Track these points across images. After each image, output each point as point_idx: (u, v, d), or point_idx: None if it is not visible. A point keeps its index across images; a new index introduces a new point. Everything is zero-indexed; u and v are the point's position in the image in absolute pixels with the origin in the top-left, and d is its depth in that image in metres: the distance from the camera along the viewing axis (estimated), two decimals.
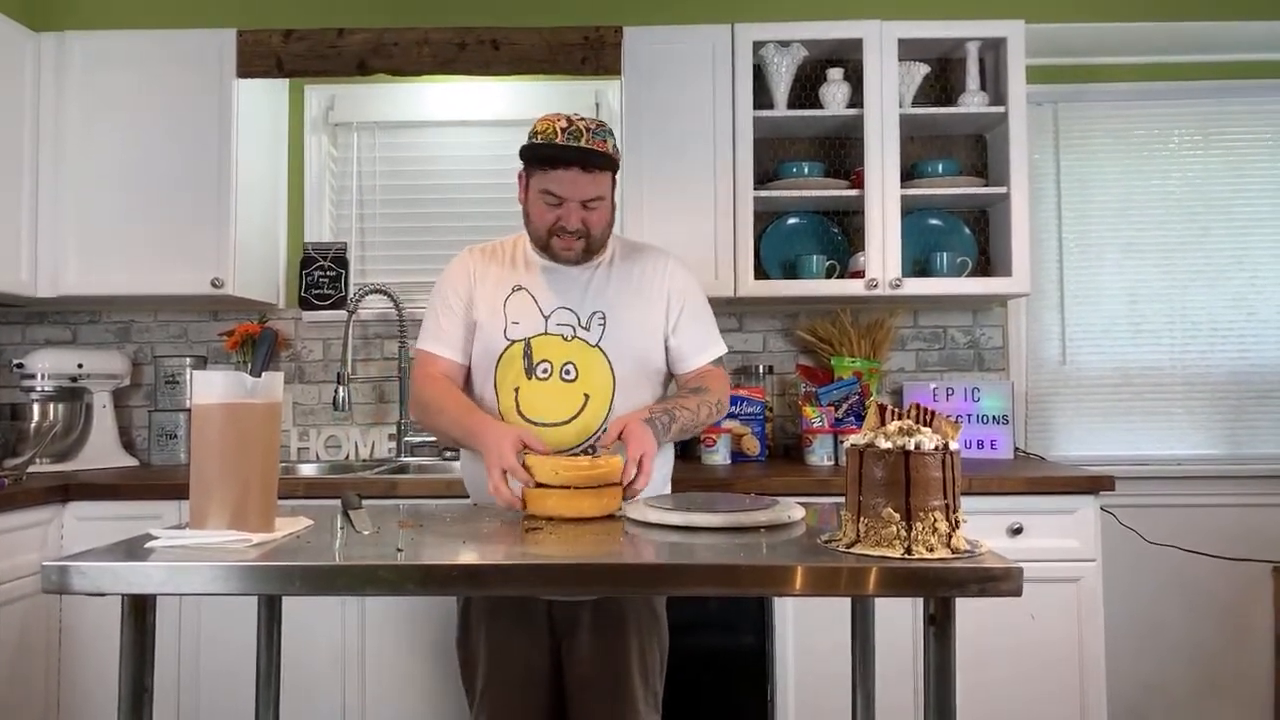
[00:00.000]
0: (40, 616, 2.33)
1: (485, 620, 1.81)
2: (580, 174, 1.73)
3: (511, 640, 1.78)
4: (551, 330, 1.80)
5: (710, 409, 1.85)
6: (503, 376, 1.81)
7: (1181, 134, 3.13)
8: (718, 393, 1.88)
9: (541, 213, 1.78)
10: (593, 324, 1.81)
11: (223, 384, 1.37)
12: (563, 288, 1.83)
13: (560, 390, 1.77)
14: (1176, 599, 2.99)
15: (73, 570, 1.20)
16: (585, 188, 1.74)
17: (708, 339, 1.92)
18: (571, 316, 1.81)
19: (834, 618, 2.15)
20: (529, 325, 1.80)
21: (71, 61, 2.76)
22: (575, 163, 1.72)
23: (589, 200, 1.75)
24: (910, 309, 3.05)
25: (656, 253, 1.95)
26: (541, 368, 1.78)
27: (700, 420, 1.82)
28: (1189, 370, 3.09)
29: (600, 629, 1.77)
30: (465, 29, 2.81)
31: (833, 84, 2.81)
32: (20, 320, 3.10)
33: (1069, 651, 2.36)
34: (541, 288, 1.83)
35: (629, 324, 1.82)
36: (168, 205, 2.73)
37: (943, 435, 1.26)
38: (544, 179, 1.75)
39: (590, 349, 1.79)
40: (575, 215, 1.76)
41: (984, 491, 2.34)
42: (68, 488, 2.42)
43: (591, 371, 1.79)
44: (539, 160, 1.75)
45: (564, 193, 1.74)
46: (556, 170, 1.73)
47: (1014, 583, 1.16)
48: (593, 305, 1.82)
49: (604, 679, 1.77)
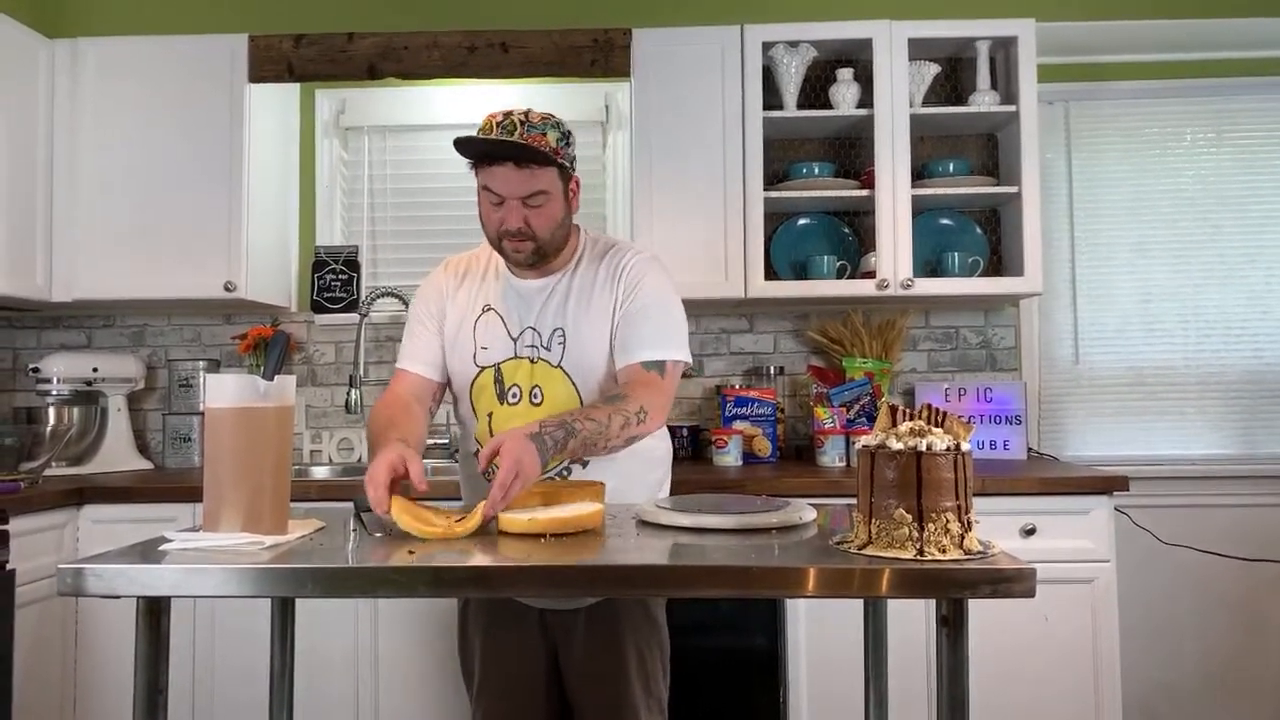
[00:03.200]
0: (56, 618, 2.35)
1: (480, 623, 1.80)
2: (514, 170, 1.63)
3: (505, 643, 1.78)
4: (520, 353, 1.74)
5: (626, 418, 1.59)
6: (477, 401, 1.77)
7: (1194, 132, 3.11)
8: (640, 400, 1.62)
9: (487, 213, 1.70)
10: (553, 343, 1.73)
11: (235, 387, 1.38)
12: (527, 305, 1.75)
13: (530, 415, 1.67)
14: (1191, 599, 2.97)
15: (88, 573, 1.21)
16: (522, 184, 1.64)
17: (644, 339, 1.70)
18: (535, 336, 1.74)
19: (846, 619, 2.15)
20: (497, 350, 1.74)
21: (85, 68, 2.78)
22: (507, 158, 1.63)
23: (528, 197, 1.64)
24: (922, 309, 3.04)
25: (619, 252, 1.79)
26: (512, 393, 1.73)
27: (612, 433, 1.57)
28: (1203, 369, 3.07)
29: (594, 633, 1.73)
30: (474, 32, 2.82)
31: (842, 84, 2.81)
32: (35, 324, 3.13)
33: (1083, 652, 2.34)
34: (509, 306, 1.76)
35: (587, 339, 1.72)
36: (181, 209, 2.75)
37: (955, 436, 1.25)
38: (482, 176, 1.67)
39: (553, 370, 1.72)
40: (515, 214, 1.65)
41: (997, 492, 2.33)
42: (83, 491, 2.44)
43: (556, 394, 1.71)
44: (474, 157, 1.67)
45: (502, 190, 1.65)
46: (491, 167, 1.65)
47: (1027, 584, 1.15)
48: (553, 322, 1.73)
49: (601, 683, 1.73)
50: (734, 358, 3.08)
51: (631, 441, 1.64)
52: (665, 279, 1.78)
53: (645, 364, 1.69)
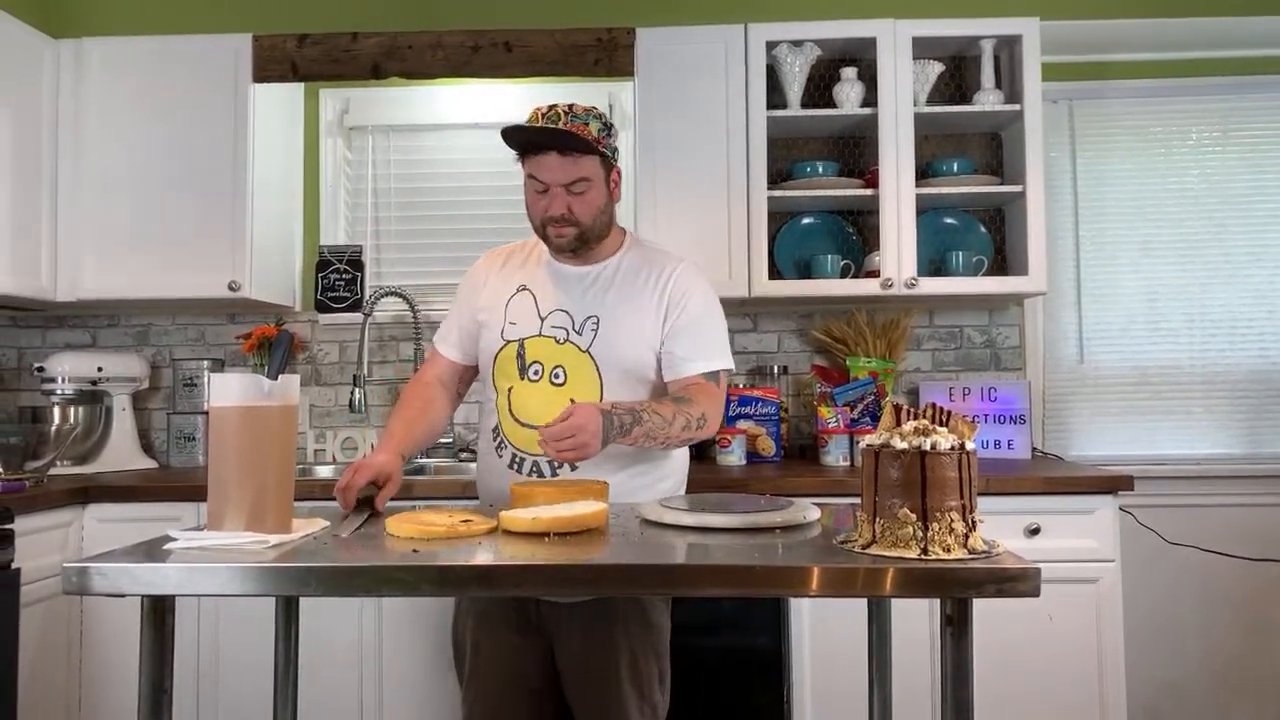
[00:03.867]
0: (61, 617, 2.36)
1: (474, 618, 1.81)
2: (558, 158, 1.71)
3: (498, 639, 1.78)
4: (545, 332, 1.78)
5: (688, 420, 1.69)
6: (500, 375, 1.83)
7: (1200, 130, 3.10)
8: (703, 407, 1.72)
9: (533, 201, 1.77)
10: (585, 329, 1.77)
11: (239, 387, 1.38)
12: (564, 289, 1.81)
13: (549, 393, 1.75)
14: (1196, 599, 2.96)
15: (93, 571, 1.21)
16: (565, 171, 1.71)
17: (701, 349, 1.79)
18: (566, 319, 1.78)
19: (850, 619, 2.15)
20: (525, 326, 1.80)
21: (89, 67, 2.79)
22: (551, 146, 1.70)
23: (572, 184, 1.72)
24: (926, 308, 3.04)
25: (667, 258, 1.87)
26: (533, 369, 1.77)
27: (674, 431, 1.67)
28: (1208, 369, 3.07)
29: (589, 630, 1.74)
30: (478, 32, 2.82)
31: (846, 83, 2.80)
32: (40, 324, 3.14)
33: (1088, 652, 2.34)
34: (545, 288, 1.82)
35: (622, 331, 1.77)
36: (185, 209, 2.76)
37: (959, 435, 1.25)
38: (528, 165, 1.75)
39: (580, 354, 1.77)
40: (560, 201, 1.73)
41: (1001, 492, 2.32)
42: (88, 490, 2.44)
43: (579, 377, 1.76)
44: (519, 147, 1.74)
45: (546, 178, 1.73)
46: (535, 156, 1.73)
47: (1032, 583, 1.15)
48: (589, 309, 1.78)
49: (592, 682, 1.74)
50: (738, 357, 3.06)
51: (686, 444, 1.77)
52: (711, 290, 1.87)
53: (706, 375, 1.78)
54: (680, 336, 1.79)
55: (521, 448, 1.78)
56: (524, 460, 1.79)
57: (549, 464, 1.75)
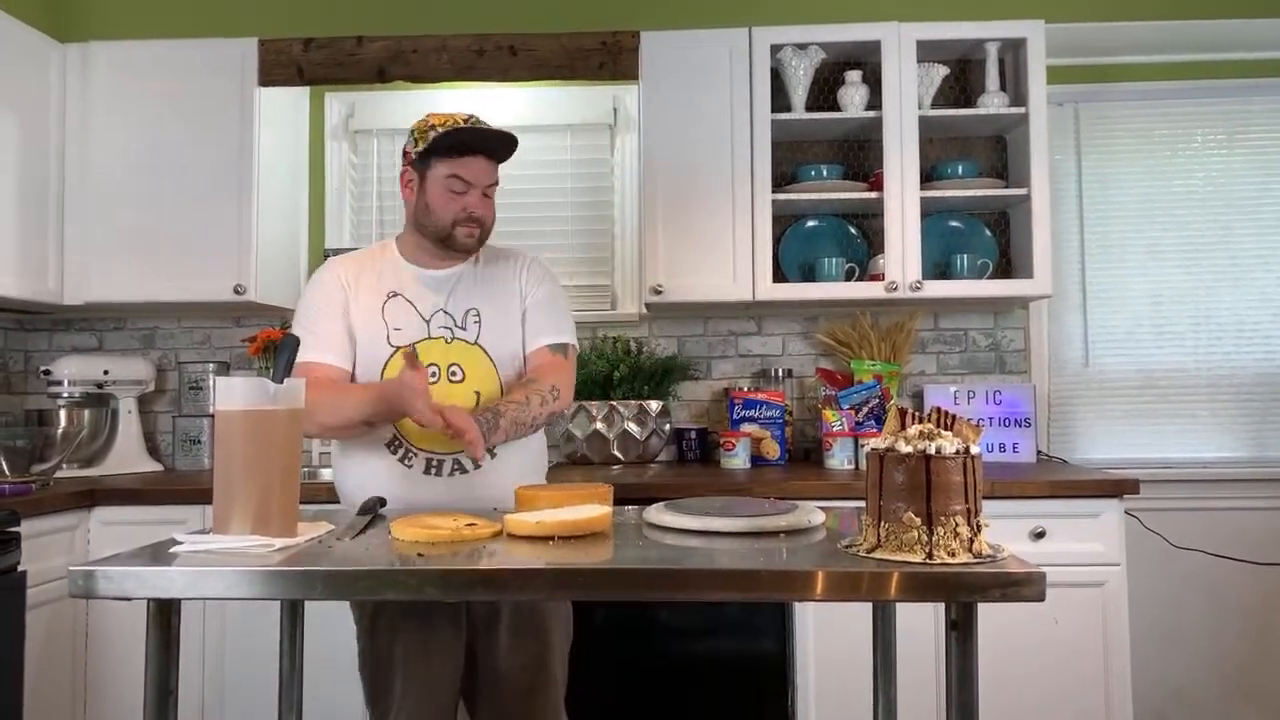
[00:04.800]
0: (67, 619, 2.36)
1: (398, 625, 1.75)
2: (485, 162, 1.80)
3: (429, 643, 1.75)
4: (434, 334, 1.81)
5: (542, 396, 1.78)
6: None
7: (1205, 133, 3.09)
8: (551, 379, 1.82)
9: (446, 201, 1.79)
10: (468, 322, 1.83)
11: (245, 390, 1.38)
12: (436, 290, 1.85)
13: (450, 392, 1.77)
14: (1202, 603, 2.95)
15: (99, 575, 1.22)
16: (488, 174, 1.82)
17: (552, 323, 1.89)
18: (448, 318, 1.83)
19: (855, 623, 2.15)
20: (411, 331, 1.81)
21: (96, 71, 2.80)
22: (484, 150, 1.79)
23: (487, 187, 1.82)
24: (930, 311, 3.04)
25: (517, 252, 1.97)
26: (430, 371, 1.77)
27: (534, 410, 1.76)
28: (1214, 372, 3.06)
29: (519, 628, 1.79)
30: (483, 36, 2.83)
31: (851, 86, 2.80)
32: (47, 327, 3.15)
33: (1093, 656, 2.33)
34: (416, 292, 1.84)
35: (500, 320, 1.86)
36: (191, 213, 2.77)
37: (964, 439, 1.25)
38: (453, 165, 1.78)
39: (471, 347, 1.82)
40: (479, 201, 1.81)
41: (1006, 495, 2.32)
42: (94, 493, 2.45)
43: (476, 369, 1.82)
44: (453, 148, 1.77)
45: (471, 178, 1.79)
46: (466, 158, 1.78)
47: (1037, 587, 1.15)
48: (466, 304, 1.84)
49: (522, 677, 1.79)
50: (742, 360, 3.08)
51: (552, 418, 1.83)
52: (558, 280, 1.99)
53: (551, 346, 1.88)
54: (532, 313, 1.89)
55: (435, 450, 1.78)
56: (442, 461, 1.79)
57: (471, 461, 1.78)
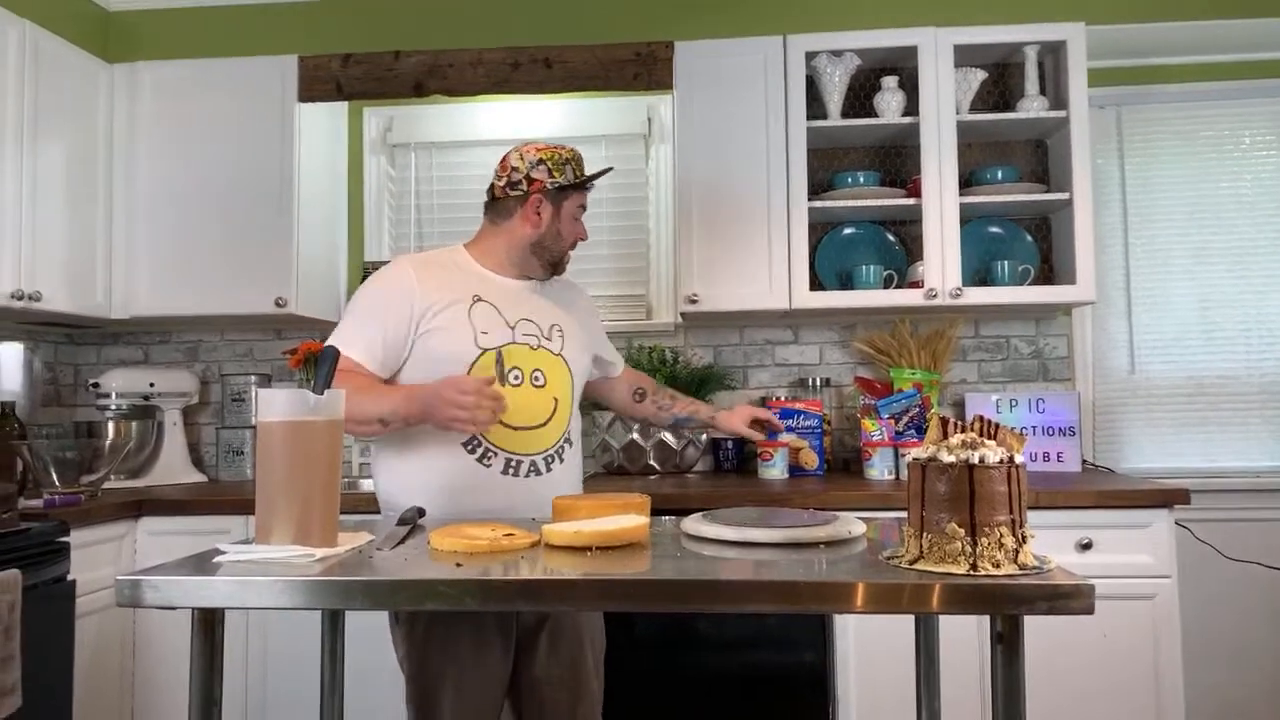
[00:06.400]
0: (115, 627, 2.41)
1: (450, 635, 1.74)
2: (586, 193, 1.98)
3: (481, 653, 1.75)
4: (519, 340, 1.86)
5: None
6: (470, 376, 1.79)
7: (1253, 134, 3.02)
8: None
9: (574, 229, 1.95)
10: (553, 335, 1.92)
11: (286, 402, 1.40)
12: (518, 302, 1.91)
13: (533, 395, 1.84)
14: (1258, 617, 2.87)
15: (145, 585, 1.24)
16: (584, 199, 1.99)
17: (615, 353, 2.22)
18: (534, 327, 1.89)
19: (897, 635, 2.12)
20: (497, 335, 1.84)
21: (142, 91, 2.87)
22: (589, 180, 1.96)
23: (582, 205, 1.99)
24: (971, 319, 2.99)
25: (568, 279, 2.09)
26: (514, 375, 1.83)
27: None
28: (1266, 378, 2.98)
29: (558, 638, 1.84)
30: (518, 49, 2.85)
31: (887, 92, 2.78)
32: (95, 341, 3.22)
33: (1144, 671, 2.27)
34: (501, 300, 1.89)
35: (578, 337, 1.98)
36: (233, 227, 2.82)
37: (1007, 448, 1.22)
38: (581, 197, 1.95)
39: (554, 357, 1.90)
40: (582, 226, 1.98)
41: (1051, 505, 2.27)
42: (140, 503, 2.50)
43: (556, 378, 1.89)
44: (583, 184, 1.94)
45: (575, 206, 1.95)
46: (586, 191, 1.97)
47: (1085, 600, 1.12)
48: (550, 319, 1.93)
49: (561, 687, 1.83)
50: (779, 369, 3.06)
51: None
52: None
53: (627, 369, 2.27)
54: (606, 344, 2.17)
55: (516, 451, 1.81)
56: (520, 462, 1.82)
57: (544, 460, 1.85)
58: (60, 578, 2.16)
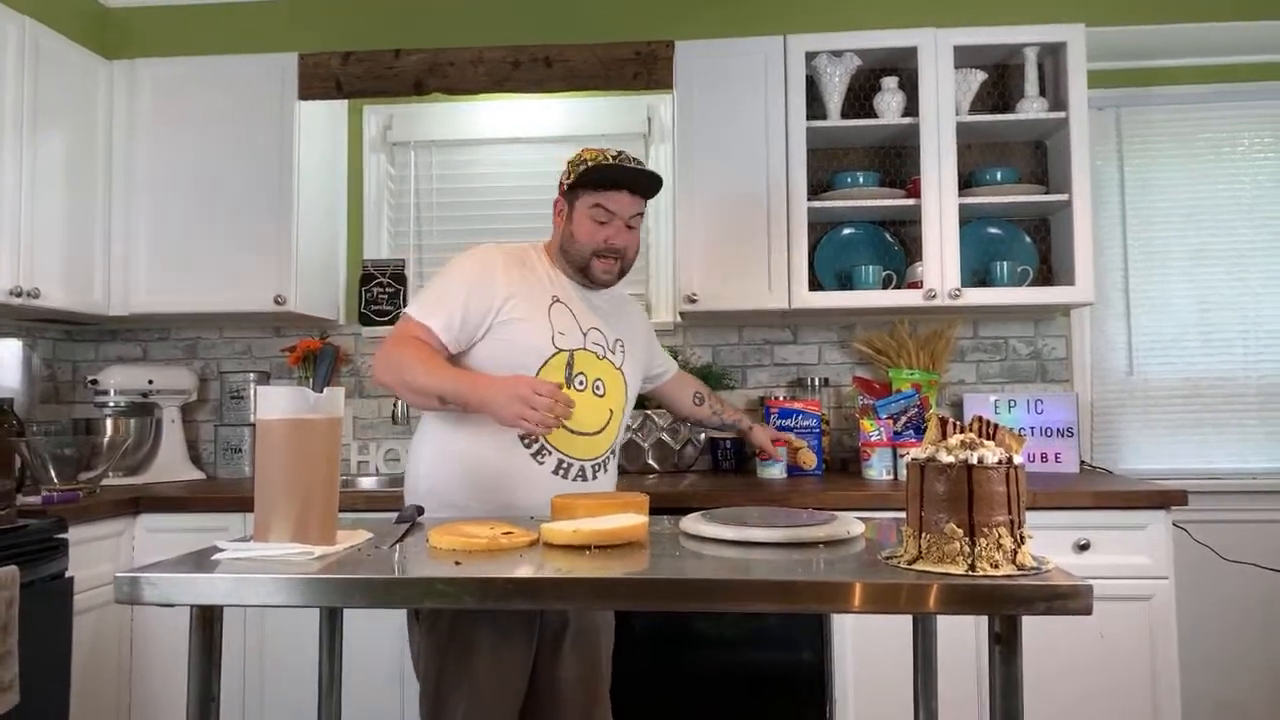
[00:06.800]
0: (113, 624, 2.40)
1: (469, 636, 1.72)
2: (631, 196, 1.86)
3: (500, 655, 1.73)
4: (589, 347, 1.89)
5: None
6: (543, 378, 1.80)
7: (1251, 136, 3.03)
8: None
9: (590, 231, 1.86)
10: (617, 349, 1.95)
11: (285, 399, 1.40)
12: (590, 309, 1.93)
13: (593, 403, 1.87)
14: (1254, 618, 2.88)
15: (143, 581, 1.24)
16: (633, 205, 1.87)
17: (666, 358, 2.27)
18: (602, 338, 1.92)
19: (895, 635, 2.12)
20: (571, 338, 1.87)
21: (142, 87, 2.87)
22: (628, 185, 1.85)
23: (630, 219, 1.88)
24: (970, 319, 3.00)
25: (623, 293, 2.09)
26: (579, 379, 1.86)
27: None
28: (1264, 380, 2.98)
29: (579, 633, 1.85)
30: (518, 47, 2.85)
31: (887, 93, 2.78)
32: (94, 338, 3.22)
33: (1141, 671, 2.28)
34: (576, 305, 1.91)
35: (637, 354, 2.01)
36: (233, 225, 2.81)
37: (1006, 449, 1.23)
38: (598, 196, 1.85)
39: (615, 370, 1.93)
40: (622, 233, 1.87)
41: (1049, 506, 2.28)
42: (139, 500, 2.49)
43: (615, 390, 1.92)
44: (600, 183, 1.84)
45: (614, 208, 1.85)
46: (609, 191, 1.84)
47: (1083, 601, 1.13)
48: (615, 332, 1.95)
49: (580, 689, 1.84)
50: (778, 369, 3.06)
51: None
52: None
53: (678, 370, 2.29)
54: (656, 356, 2.20)
55: (569, 454, 1.84)
56: (570, 465, 1.84)
57: (592, 468, 1.87)
58: (58, 574, 2.16)
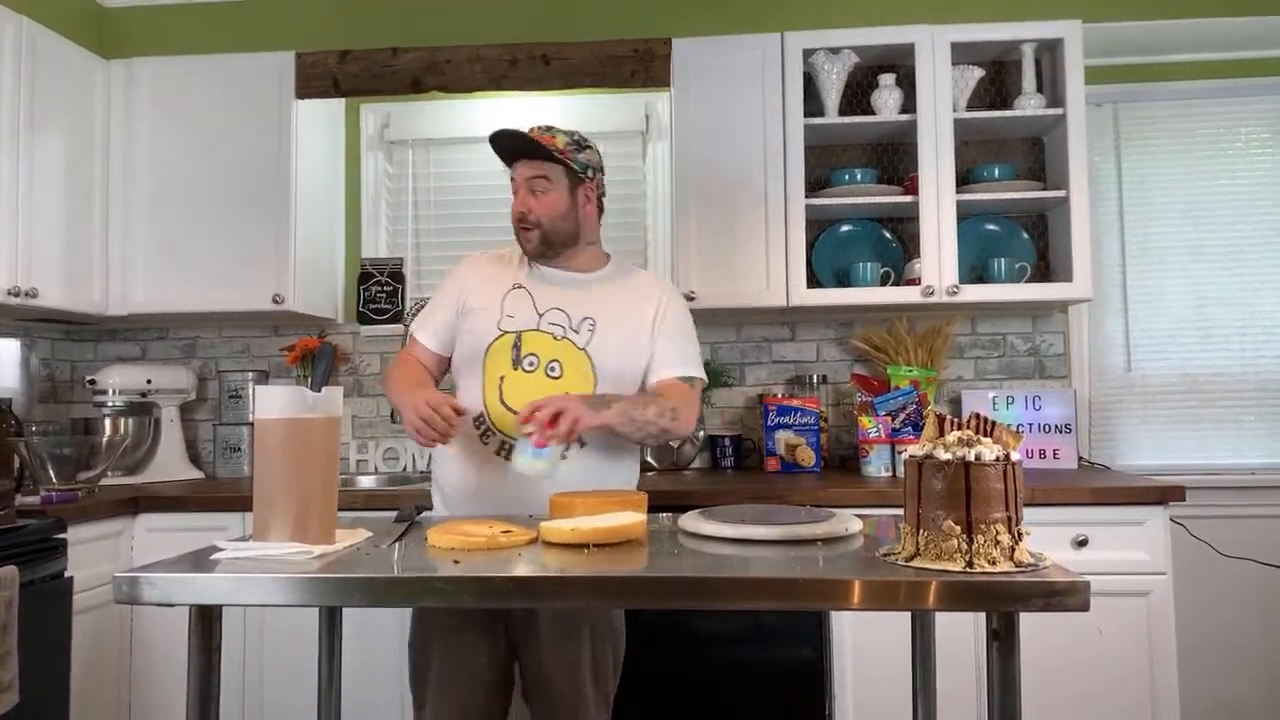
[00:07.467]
0: (112, 624, 2.41)
1: (441, 626, 1.79)
2: (525, 161, 1.89)
3: (468, 648, 1.77)
4: (543, 328, 1.87)
5: (662, 410, 1.80)
6: (490, 365, 1.87)
7: (1249, 131, 3.03)
8: (675, 402, 1.83)
9: (512, 206, 1.91)
10: (582, 328, 1.88)
11: (284, 399, 1.40)
12: (559, 290, 1.92)
13: (543, 385, 1.83)
14: (1252, 613, 2.88)
15: (143, 581, 1.24)
16: (530, 168, 1.88)
17: (680, 356, 1.92)
18: (564, 318, 1.88)
19: (894, 632, 2.12)
20: (522, 320, 1.88)
21: (139, 87, 2.86)
22: (516, 149, 1.89)
23: (532, 179, 1.87)
24: (968, 316, 3.00)
25: (655, 278, 2.04)
26: (528, 361, 1.85)
27: (648, 417, 1.78)
28: (1262, 376, 2.99)
29: (557, 634, 1.79)
30: (516, 45, 2.84)
31: (885, 90, 2.78)
32: (92, 338, 3.21)
33: (1139, 668, 2.28)
34: (539, 288, 1.92)
35: (616, 334, 1.88)
36: (231, 224, 2.81)
37: (1004, 445, 1.23)
38: (512, 170, 1.92)
39: (577, 350, 1.86)
40: (522, 198, 1.88)
41: (1047, 503, 2.28)
42: (138, 500, 2.49)
43: (575, 372, 1.85)
44: (497, 150, 1.91)
45: (516, 176, 1.90)
46: (514, 162, 1.91)
47: (1080, 597, 1.13)
48: (584, 311, 1.89)
49: (558, 683, 1.80)
50: (776, 366, 3.06)
51: (664, 435, 1.85)
52: (688, 310, 2.03)
53: (682, 378, 1.91)
54: (665, 341, 1.92)
55: (510, 434, 1.82)
56: (511, 447, 1.80)
57: None
58: (57, 574, 2.16)
